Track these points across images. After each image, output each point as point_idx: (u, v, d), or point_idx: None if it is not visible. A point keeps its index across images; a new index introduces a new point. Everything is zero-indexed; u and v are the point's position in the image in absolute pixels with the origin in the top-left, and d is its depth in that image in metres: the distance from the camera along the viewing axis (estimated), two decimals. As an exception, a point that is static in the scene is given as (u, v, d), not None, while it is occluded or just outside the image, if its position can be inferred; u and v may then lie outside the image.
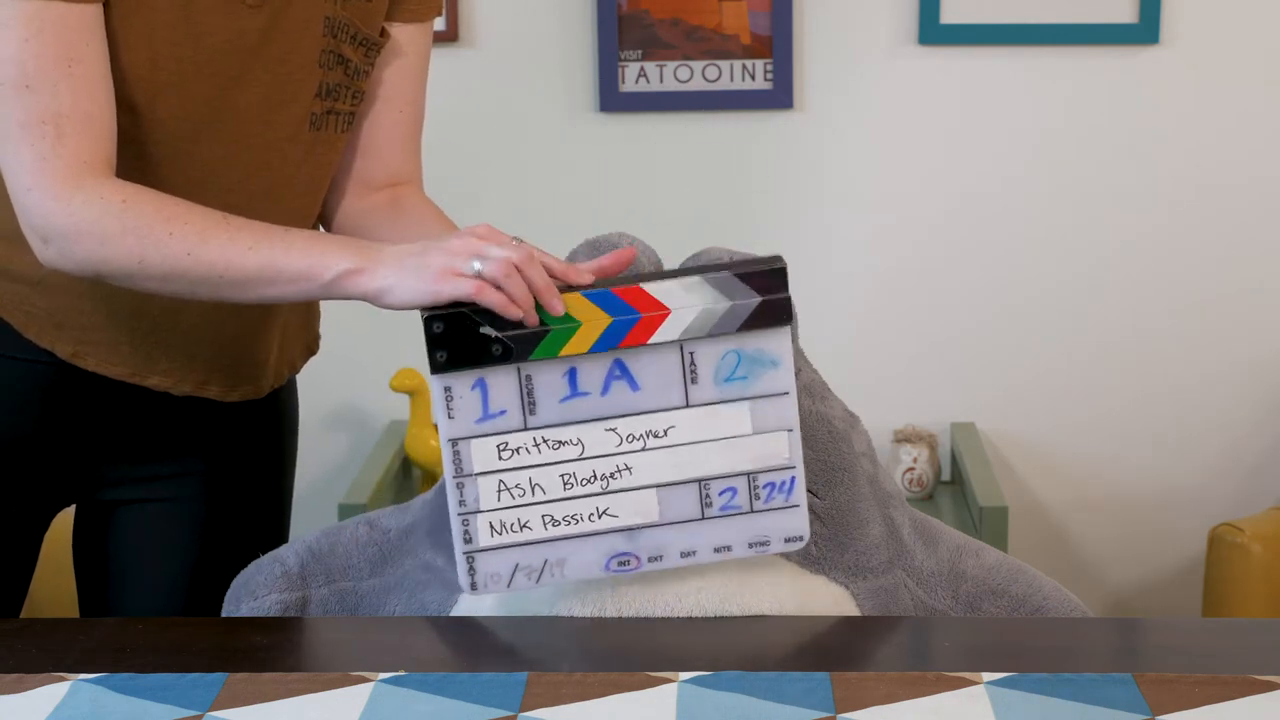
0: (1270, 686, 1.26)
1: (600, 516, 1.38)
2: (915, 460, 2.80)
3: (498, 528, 1.38)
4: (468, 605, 1.46)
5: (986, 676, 1.28)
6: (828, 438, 1.48)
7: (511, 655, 1.39)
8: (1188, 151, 2.85)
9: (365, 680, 1.29)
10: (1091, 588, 2.99)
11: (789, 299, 1.37)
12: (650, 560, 1.39)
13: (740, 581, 1.42)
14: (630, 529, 1.39)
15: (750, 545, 1.40)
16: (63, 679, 1.30)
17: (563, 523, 1.38)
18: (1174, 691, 1.25)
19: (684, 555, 1.40)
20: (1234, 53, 2.82)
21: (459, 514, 1.38)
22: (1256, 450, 2.95)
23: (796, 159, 2.87)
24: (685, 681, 1.28)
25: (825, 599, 1.45)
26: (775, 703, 1.24)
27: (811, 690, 1.26)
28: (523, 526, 1.38)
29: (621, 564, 1.39)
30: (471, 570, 1.39)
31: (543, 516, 1.38)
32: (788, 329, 1.37)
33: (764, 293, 1.36)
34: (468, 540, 1.39)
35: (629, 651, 1.37)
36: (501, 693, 1.27)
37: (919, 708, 1.24)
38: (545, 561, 1.39)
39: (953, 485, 2.88)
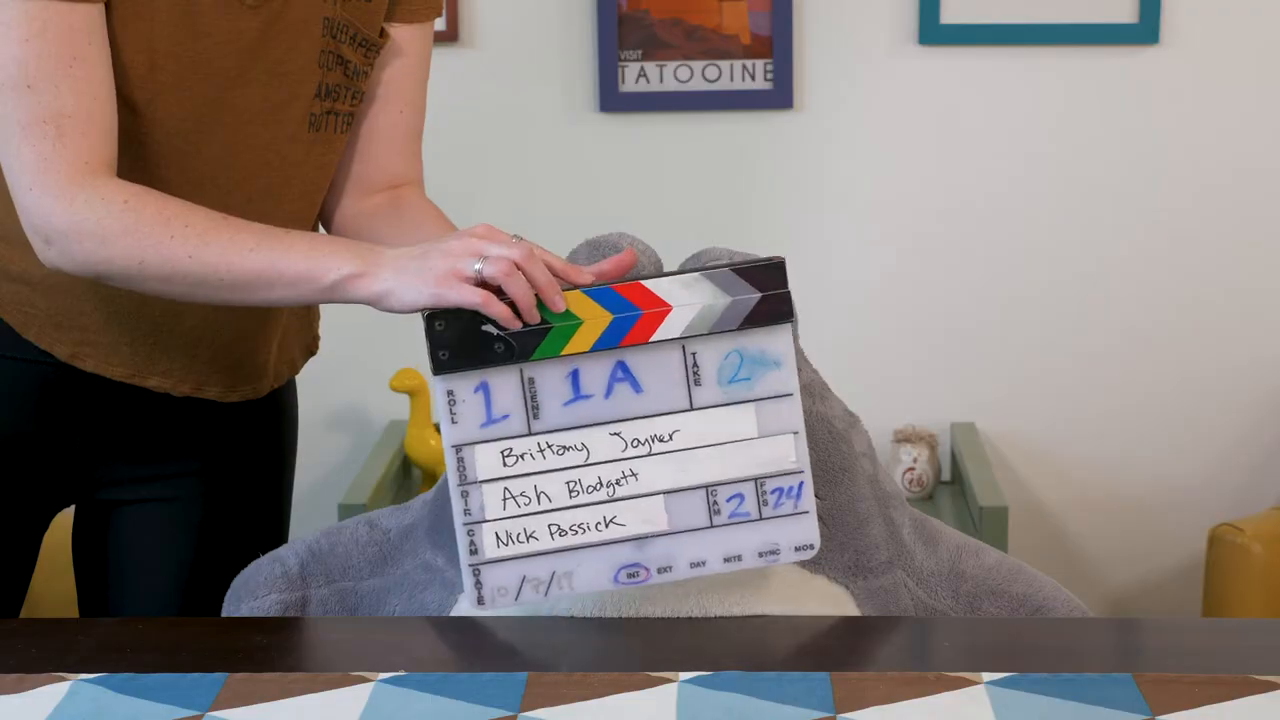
0: (1270, 686, 1.26)
1: (607, 525, 1.38)
2: (915, 460, 2.80)
3: (504, 538, 1.37)
4: (468, 605, 1.46)
5: (986, 676, 1.28)
6: (828, 438, 1.48)
7: (511, 655, 1.39)
8: (1188, 151, 2.85)
9: (365, 680, 1.29)
10: (1091, 588, 2.99)
11: (789, 294, 1.37)
12: (660, 571, 1.38)
13: (740, 581, 1.42)
14: (638, 538, 1.38)
15: (760, 554, 1.39)
16: (63, 679, 1.30)
17: (570, 532, 1.38)
18: (1174, 691, 1.25)
19: (693, 566, 1.39)
20: (1234, 53, 2.82)
21: (464, 524, 1.37)
22: (1256, 450, 2.95)
23: (796, 159, 2.87)
24: (685, 681, 1.28)
25: (825, 599, 1.45)
26: (775, 703, 1.24)
27: (811, 690, 1.26)
28: (529, 536, 1.38)
29: (631, 575, 1.39)
30: (478, 584, 1.38)
31: (549, 526, 1.38)
32: (789, 328, 1.37)
33: (763, 288, 1.36)
34: (473, 551, 1.37)
35: (629, 651, 1.37)
36: (501, 693, 1.27)
37: (919, 708, 1.24)
38: (553, 573, 1.38)
39: (953, 485, 2.89)
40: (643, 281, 1.35)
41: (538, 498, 1.37)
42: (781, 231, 2.88)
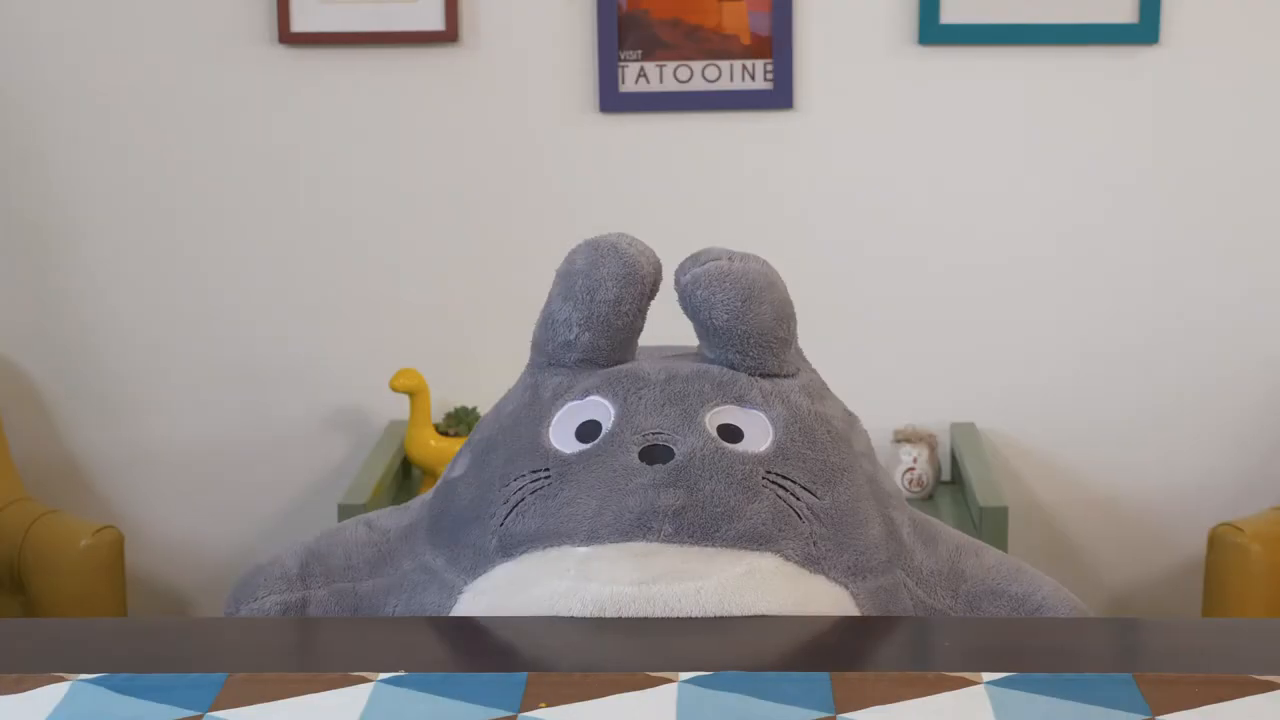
0: (1270, 686, 1.26)
1: None
2: (915, 460, 2.80)
3: None
4: (466, 605, 1.46)
5: (986, 676, 1.28)
6: (827, 438, 1.48)
7: (511, 655, 1.39)
8: (1187, 151, 2.85)
9: (365, 680, 1.29)
10: (1092, 588, 2.99)
11: None
12: None
13: (740, 581, 1.42)
14: None
15: None
16: (62, 679, 1.30)
17: None
18: (1174, 691, 1.25)
19: None
20: (1234, 53, 2.82)
21: None
22: (1256, 450, 2.95)
23: (796, 159, 2.87)
24: (685, 682, 1.28)
25: (824, 599, 1.45)
26: (775, 703, 1.24)
27: (811, 690, 1.26)
28: None
29: None
30: None
31: None
32: None
33: None
34: None
35: (629, 651, 1.37)
36: (501, 693, 1.27)
37: (919, 708, 1.24)
38: None
39: (953, 485, 2.89)
40: None
41: None
42: (781, 231, 2.88)
